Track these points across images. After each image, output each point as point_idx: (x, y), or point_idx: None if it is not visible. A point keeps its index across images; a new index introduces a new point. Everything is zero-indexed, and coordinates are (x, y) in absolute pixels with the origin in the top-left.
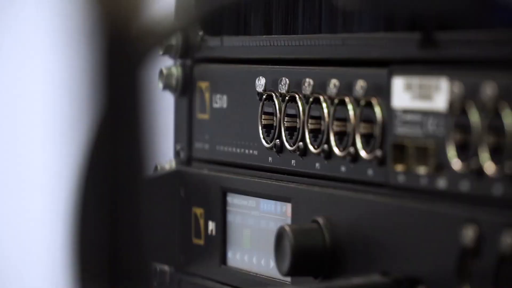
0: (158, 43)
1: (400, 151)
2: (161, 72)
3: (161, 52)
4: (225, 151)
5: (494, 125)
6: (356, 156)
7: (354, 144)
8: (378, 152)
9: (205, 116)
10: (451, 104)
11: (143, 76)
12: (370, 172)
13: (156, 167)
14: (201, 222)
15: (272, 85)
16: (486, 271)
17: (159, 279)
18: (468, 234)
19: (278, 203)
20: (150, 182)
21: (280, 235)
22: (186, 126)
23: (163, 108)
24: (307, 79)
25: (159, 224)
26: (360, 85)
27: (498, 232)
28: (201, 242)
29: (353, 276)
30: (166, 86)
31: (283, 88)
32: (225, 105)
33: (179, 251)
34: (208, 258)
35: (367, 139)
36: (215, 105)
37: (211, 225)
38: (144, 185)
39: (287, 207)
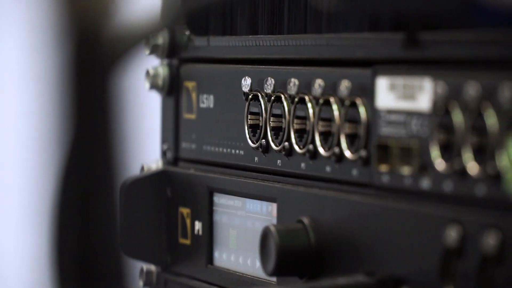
0: (130, 48)
1: (384, 151)
2: (147, 72)
3: (147, 52)
4: (211, 151)
5: (477, 126)
6: (341, 156)
7: (339, 144)
8: (363, 152)
9: (191, 116)
10: (435, 104)
11: (114, 80)
12: (354, 172)
13: (142, 168)
14: (188, 222)
15: (258, 85)
16: (469, 272)
17: (145, 279)
18: (451, 234)
19: (264, 203)
20: (136, 183)
21: (265, 235)
22: (172, 126)
23: (151, 108)
24: (292, 79)
25: (145, 224)
26: (344, 85)
27: (481, 233)
28: (187, 242)
29: (338, 276)
30: (153, 86)
31: (268, 88)
32: (211, 105)
33: (165, 251)
34: (194, 258)
35: (352, 139)
36: (202, 105)
37: (198, 225)
38: (126, 186)
39: (273, 207)
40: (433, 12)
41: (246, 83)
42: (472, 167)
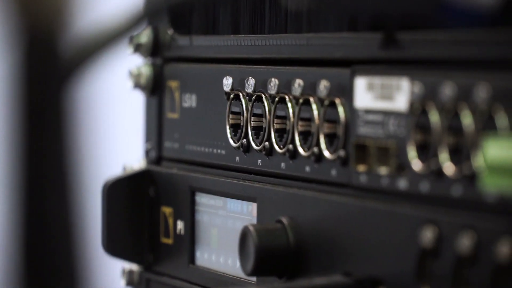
0: (90, 57)
1: (362, 151)
2: (130, 71)
3: (131, 51)
4: (194, 150)
5: (454, 126)
6: (320, 156)
7: (318, 144)
8: (342, 152)
9: (174, 116)
10: (412, 105)
11: (70, 91)
12: (333, 172)
13: (124, 168)
14: (170, 221)
15: (239, 85)
16: (445, 273)
17: (127, 279)
18: (427, 235)
19: (245, 202)
20: (118, 182)
21: (244, 235)
22: (156, 125)
23: (134, 108)
24: (273, 79)
25: (128, 224)
26: (323, 85)
27: (457, 233)
28: (169, 241)
29: (317, 276)
30: (136, 86)
31: (249, 88)
32: (194, 105)
33: (148, 250)
34: (176, 257)
35: (331, 139)
36: (185, 104)
37: (180, 225)
38: (108, 186)
39: (253, 207)
40: (410, 12)
41: (227, 82)
42: (448, 167)
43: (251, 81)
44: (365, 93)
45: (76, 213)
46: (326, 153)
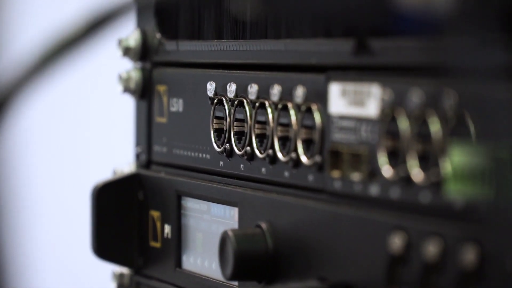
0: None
1: (336, 157)
2: (119, 76)
3: (121, 54)
4: (180, 154)
5: (422, 133)
6: (297, 162)
7: (296, 149)
8: (318, 158)
9: (163, 120)
10: (382, 111)
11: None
12: (310, 177)
13: (114, 171)
14: (158, 225)
15: (222, 90)
16: (413, 279)
17: (118, 282)
18: (396, 241)
19: (227, 207)
20: (108, 186)
21: (223, 240)
22: (145, 130)
23: (126, 111)
24: (253, 84)
25: (117, 227)
26: (300, 91)
27: (425, 240)
28: (157, 245)
29: (294, 280)
30: (126, 90)
31: (231, 93)
32: (181, 109)
33: (137, 253)
34: (164, 261)
35: (308, 145)
36: (172, 109)
37: (167, 228)
38: (98, 190)
39: (235, 212)
40: (381, 19)
41: (211, 87)
42: (417, 174)
43: (233, 86)
44: (339, 99)
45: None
46: (304, 159)
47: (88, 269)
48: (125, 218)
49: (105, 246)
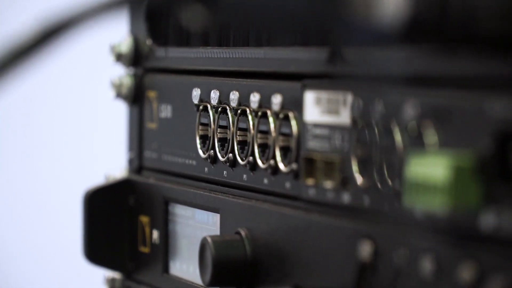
0: None
1: (310, 164)
2: (111, 81)
3: (114, 60)
4: (169, 160)
5: (387, 142)
6: (276, 169)
7: (274, 157)
8: (294, 165)
9: (153, 126)
10: (353, 120)
11: None
12: (287, 185)
13: (106, 176)
14: (147, 230)
15: (207, 96)
16: (382, 287)
17: (110, 286)
18: (365, 249)
19: (210, 213)
20: (99, 191)
21: (202, 246)
22: (136, 135)
23: (120, 117)
24: (234, 91)
25: (109, 232)
26: (278, 99)
27: (391, 249)
28: (146, 250)
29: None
30: (118, 95)
31: (214, 100)
32: (169, 115)
33: (128, 258)
34: (152, 266)
35: (285, 152)
36: (162, 115)
37: (155, 234)
38: (89, 195)
39: (217, 218)
40: (353, 29)
41: (196, 94)
42: (384, 182)
43: (216, 93)
44: (314, 107)
45: None
46: (281, 166)
47: (80, 274)
48: (117, 223)
49: (96, 250)
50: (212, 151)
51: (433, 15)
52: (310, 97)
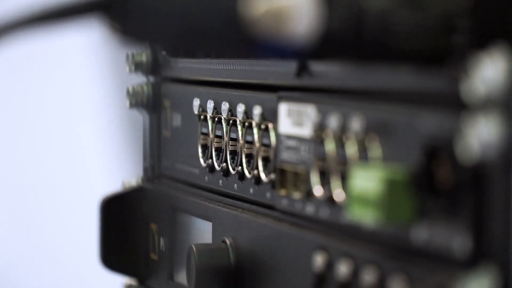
0: None
1: (283, 175)
2: (127, 90)
3: (130, 69)
4: (179, 169)
5: (340, 155)
6: (258, 179)
7: (257, 167)
8: (273, 176)
9: (167, 134)
10: (314, 132)
11: None
12: (268, 195)
13: (122, 184)
14: (156, 238)
15: (206, 106)
16: None
17: None
18: (318, 260)
19: (206, 222)
20: (115, 198)
21: (188, 254)
22: (152, 144)
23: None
24: (225, 102)
25: (124, 238)
26: (258, 110)
27: (340, 261)
28: (156, 257)
29: None
30: (136, 104)
31: (210, 110)
32: (180, 124)
33: (142, 265)
34: (160, 273)
35: (266, 162)
36: (174, 124)
37: (162, 241)
38: (105, 202)
39: (210, 227)
40: (322, 42)
41: (196, 104)
42: (338, 194)
43: (211, 104)
44: (286, 119)
45: None
46: (263, 176)
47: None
48: (131, 230)
49: (112, 256)
50: (210, 160)
51: (348, 31)
52: (283, 109)
